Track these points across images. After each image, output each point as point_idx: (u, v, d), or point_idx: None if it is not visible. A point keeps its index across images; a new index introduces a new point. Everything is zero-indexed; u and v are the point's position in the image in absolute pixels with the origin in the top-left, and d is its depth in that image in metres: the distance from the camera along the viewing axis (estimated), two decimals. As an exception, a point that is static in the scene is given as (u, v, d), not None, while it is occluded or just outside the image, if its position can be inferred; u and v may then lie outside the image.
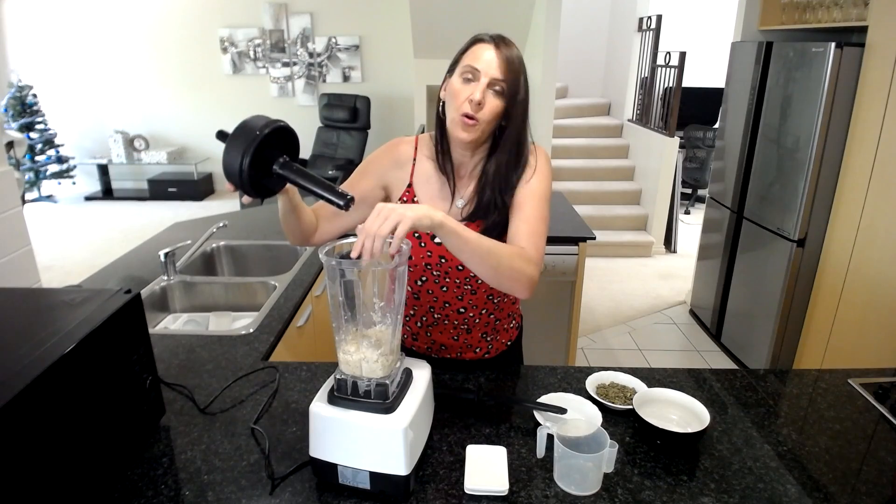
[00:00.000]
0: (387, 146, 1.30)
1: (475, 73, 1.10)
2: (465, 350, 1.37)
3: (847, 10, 2.66)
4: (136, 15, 6.32)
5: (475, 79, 1.10)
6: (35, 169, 6.12)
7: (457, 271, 1.25)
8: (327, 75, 6.45)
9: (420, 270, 1.27)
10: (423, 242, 1.24)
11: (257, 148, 0.93)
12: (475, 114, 1.10)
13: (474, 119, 1.11)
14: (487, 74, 1.09)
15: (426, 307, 1.32)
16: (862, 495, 0.97)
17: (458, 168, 1.24)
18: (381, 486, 0.93)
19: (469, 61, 1.11)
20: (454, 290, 1.28)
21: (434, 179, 1.25)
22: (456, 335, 1.35)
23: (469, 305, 1.31)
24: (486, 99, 1.10)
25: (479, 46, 1.12)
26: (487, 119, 1.11)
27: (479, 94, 1.09)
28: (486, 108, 1.10)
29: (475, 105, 1.09)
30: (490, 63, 1.09)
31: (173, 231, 2.48)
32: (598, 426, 1.02)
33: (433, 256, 1.24)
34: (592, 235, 2.54)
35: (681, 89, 4.72)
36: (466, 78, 1.11)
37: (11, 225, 1.84)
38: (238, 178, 0.94)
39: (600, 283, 4.39)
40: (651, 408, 1.14)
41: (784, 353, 2.97)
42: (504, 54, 1.10)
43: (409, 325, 1.38)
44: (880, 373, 1.36)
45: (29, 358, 0.84)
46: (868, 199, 2.48)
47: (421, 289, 1.30)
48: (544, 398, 1.17)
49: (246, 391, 1.26)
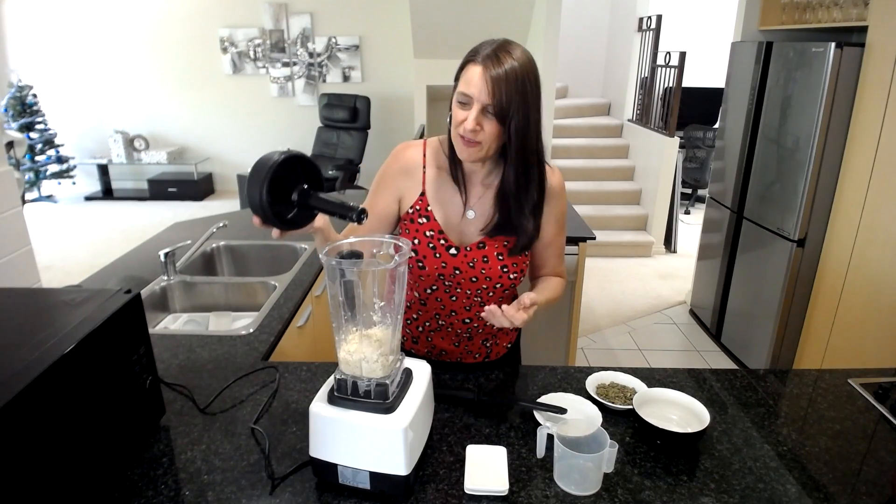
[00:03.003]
0: (393, 155, 1.28)
1: (468, 99, 1.08)
2: (464, 355, 1.37)
3: (847, 10, 2.66)
4: (137, 15, 6.32)
5: (468, 104, 1.09)
6: (35, 169, 6.12)
7: (470, 283, 1.25)
8: (327, 75, 6.45)
9: (433, 279, 1.26)
10: (437, 253, 1.23)
11: (273, 179, 0.94)
12: (474, 138, 1.10)
13: (474, 142, 1.10)
14: (479, 100, 1.07)
15: (431, 314, 1.32)
16: (862, 495, 0.97)
17: (469, 176, 1.24)
18: (381, 486, 0.93)
19: (462, 87, 1.09)
20: (463, 301, 1.28)
21: (446, 188, 1.24)
22: (457, 342, 1.35)
23: (475, 316, 1.30)
24: (481, 124, 1.08)
25: (469, 69, 1.09)
26: (489, 141, 1.11)
27: (471, 123, 1.08)
28: (486, 132, 1.09)
29: (469, 132, 1.09)
30: (480, 87, 1.06)
31: (173, 231, 2.48)
32: (598, 426, 1.02)
33: (447, 268, 1.23)
34: (592, 235, 2.54)
35: (681, 89, 4.72)
36: (461, 102, 1.10)
37: (11, 225, 1.83)
38: (260, 209, 0.96)
39: (600, 283, 4.39)
40: (651, 408, 1.14)
41: (784, 353, 2.97)
42: (492, 74, 1.05)
43: (409, 329, 1.37)
44: (880, 373, 1.36)
45: (29, 358, 0.84)
46: (868, 199, 2.48)
47: (430, 296, 1.29)
48: (544, 398, 1.17)
49: (246, 391, 1.26)
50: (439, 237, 1.23)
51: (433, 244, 1.23)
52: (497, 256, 1.23)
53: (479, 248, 1.23)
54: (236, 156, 6.79)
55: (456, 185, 1.23)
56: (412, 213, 1.25)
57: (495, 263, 1.23)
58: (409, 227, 1.26)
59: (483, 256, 1.23)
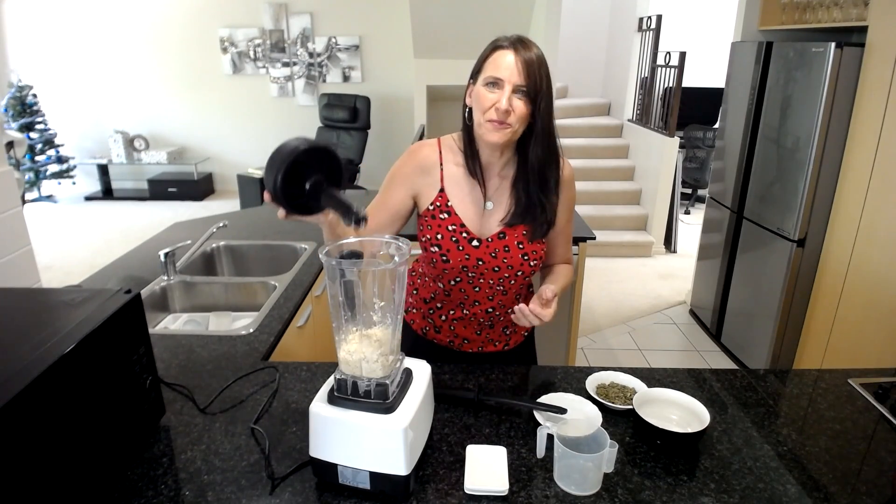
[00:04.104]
0: (408, 153, 1.32)
1: (499, 82, 1.13)
2: (486, 344, 1.41)
3: (847, 10, 2.66)
4: (137, 15, 6.32)
5: (499, 87, 1.13)
6: (35, 169, 6.12)
7: (492, 272, 1.28)
8: (327, 75, 6.45)
9: (457, 272, 1.29)
10: (461, 246, 1.27)
11: (292, 162, 0.95)
12: (505, 119, 1.14)
13: (505, 123, 1.14)
14: (511, 81, 1.12)
15: (455, 303, 1.35)
16: (862, 495, 0.97)
17: (486, 169, 1.28)
18: (381, 486, 0.93)
19: (491, 70, 1.14)
20: (486, 291, 1.32)
21: (464, 183, 1.29)
22: (479, 330, 1.39)
23: (498, 305, 1.34)
24: (512, 104, 1.13)
25: (499, 53, 1.15)
26: (519, 122, 1.15)
27: (505, 103, 1.12)
28: (516, 113, 1.14)
29: (503, 113, 1.13)
30: (511, 69, 1.12)
31: (173, 231, 2.48)
32: (598, 426, 1.02)
33: (471, 259, 1.27)
34: (592, 235, 2.54)
35: (681, 89, 4.72)
36: (491, 84, 1.14)
37: (11, 225, 1.83)
38: (272, 188, 0.97)
39: (600, 283, 4.39)
40: (651, 408, 1.14)
41: (784, 353, 2.97)
42: (523, 57, 1.12)
43: (432, 319, 1.41)
44: (880, 373, 1.36)
45: (29, 358, 0.84)
46: (868, 199, 2.48)
47: (454, 287, 1.33)
48: (544, 398, 1.17)
49: (246, 391, 1.26)
50: (461, 230, 1.27)
51: (456, 237, 1.27)
52: (517, 245, 1.27)
53: (500, 238, 1.27)
54: (236, 156, 6.79)
55: (474, 178, 1.27)
56: (433, 210, 1.29)
57: (516, 252, 1.27)
58: (431, 223, 1.29)
59: (504, 246, 1.27)
